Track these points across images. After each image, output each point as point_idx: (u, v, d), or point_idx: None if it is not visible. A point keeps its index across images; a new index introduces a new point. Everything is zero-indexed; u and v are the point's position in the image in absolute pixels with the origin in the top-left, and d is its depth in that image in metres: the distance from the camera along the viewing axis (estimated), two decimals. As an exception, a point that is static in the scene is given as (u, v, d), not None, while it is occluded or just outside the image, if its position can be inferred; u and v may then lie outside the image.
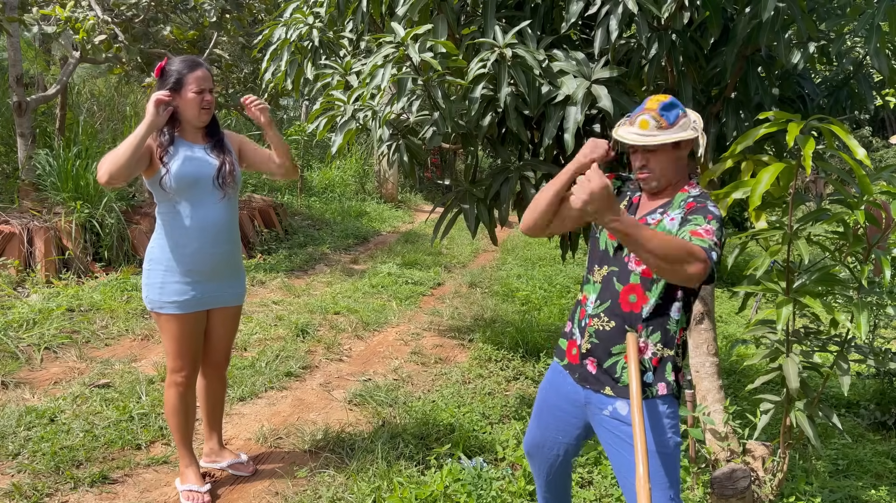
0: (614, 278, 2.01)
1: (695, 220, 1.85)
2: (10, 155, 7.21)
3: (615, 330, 1.97)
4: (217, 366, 2.88)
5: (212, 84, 2.61)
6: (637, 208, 2.05)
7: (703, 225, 1.84)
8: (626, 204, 2.08)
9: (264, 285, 6.43)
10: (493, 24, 2.77)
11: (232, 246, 2.72)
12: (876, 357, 2.61)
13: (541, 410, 2.22)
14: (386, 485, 2.87)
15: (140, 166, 2.51)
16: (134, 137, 2.41)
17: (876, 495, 3.26)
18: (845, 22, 2.66)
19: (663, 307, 1.95)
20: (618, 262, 2.01)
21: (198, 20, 7.92)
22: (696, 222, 1.85)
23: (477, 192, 3.16)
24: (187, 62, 2.56)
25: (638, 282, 1.96)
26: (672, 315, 1.96)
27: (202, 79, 2.56)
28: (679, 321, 1.97)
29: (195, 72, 2.54)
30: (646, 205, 2.04)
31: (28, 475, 2.84)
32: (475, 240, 8.71)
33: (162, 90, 2.51)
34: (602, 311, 2.00)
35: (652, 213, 1.98)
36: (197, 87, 2.54)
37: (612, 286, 2.00)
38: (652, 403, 1.95)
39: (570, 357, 2.10)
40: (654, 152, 1.93)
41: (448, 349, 5.00)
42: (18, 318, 4.58)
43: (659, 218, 1.96)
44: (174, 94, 2.54)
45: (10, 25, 6.20)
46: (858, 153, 2.03)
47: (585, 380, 2.05)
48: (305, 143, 10.78)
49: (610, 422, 2.00)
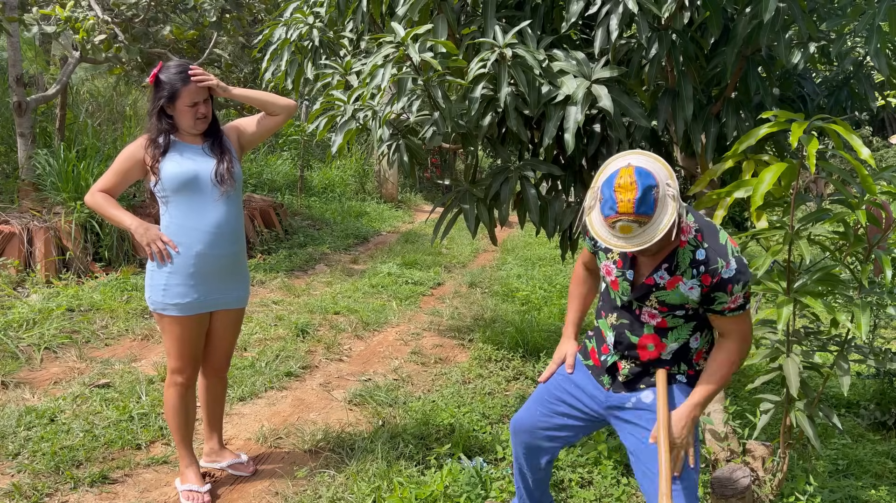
0: (626, 331, 2.04)
1: (718, 296, 1.87)
2: (10, 155, 7.21)
3: (643, 370, 2.06)
4: (218, 367, 2.88)
5: (207, 94, 2.58)
6: (634, 260, 1.95)
7: (727, 298, 1.86)
8: (622, 256, 1.97)
9: (264, 285, 6.43)
10: (493, 23, 2.77)
11: (237, 248, 2.70)
12: (876, 357, 2.61)
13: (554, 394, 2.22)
14: (386, 485, 2.86)
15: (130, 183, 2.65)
16: (112, 218, 2.57)
17: (876, 495, 3.25)
18: (846, 22, 2.66)
19: (684, 345, 2.01)
20: (629, 316, 2.03)
21: (198, 20, 7.92)
22: (719, 297, 1.87)
23: (477, 192, 3.16)
24: (181, 73, 2.51)
25: (653, 332, 1.99)
26: (692, 346, 2.02)
27: (195, 91, 2.52)
28: (699, 347, 2.04)
29: (188, 85, 2.51)
30: (644, 261, 1.94)
31: (28, 475, 2.84)
32: (475, 240, 8.71)
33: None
34: (626, 354, 2.06)
35: (656, 273, 1.90)
36: (190, 100, 2.52)
37: (627, 338, 2.04)
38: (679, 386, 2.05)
39: (595, 361, 2.17)
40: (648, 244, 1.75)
41: (448, 349, 5.00)
42: (18, 318, 4.58)
43: (669, 280, 1.88)
44: (169, 106, 2.53)
45: (10, 25, 6.20)
46: (862, 153, 2.03)
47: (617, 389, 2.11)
48: (305, 142, 10.78)
49: (631, 412, 2.06)
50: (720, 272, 1.84)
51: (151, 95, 2.58)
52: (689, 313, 1.95)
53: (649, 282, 1.92)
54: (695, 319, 1.98)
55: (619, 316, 2.04)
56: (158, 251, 2.54)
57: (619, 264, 1.99)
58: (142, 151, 2.57)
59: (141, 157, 2.57)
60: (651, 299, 1.95)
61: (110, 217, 2.59)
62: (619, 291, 2.01)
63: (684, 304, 1.91)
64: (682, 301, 1.90)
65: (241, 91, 2.70)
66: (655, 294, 1.93)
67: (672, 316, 1.95)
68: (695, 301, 1.89)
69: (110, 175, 2.60)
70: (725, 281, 1.84)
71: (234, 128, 2.78)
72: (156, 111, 2.54)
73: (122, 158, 2.59)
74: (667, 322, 1.96)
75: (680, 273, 1.88)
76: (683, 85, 2.85)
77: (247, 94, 2.72)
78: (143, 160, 2.57)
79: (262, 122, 2.78)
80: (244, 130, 2.78)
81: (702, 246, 1.86)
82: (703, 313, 1.97)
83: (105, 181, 2.60)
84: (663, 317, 1.96)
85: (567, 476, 3.05)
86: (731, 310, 1.89)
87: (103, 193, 2.59)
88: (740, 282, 1.84)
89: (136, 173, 2.60)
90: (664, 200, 1.71)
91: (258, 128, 2.78)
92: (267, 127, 2.78)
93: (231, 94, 2.65)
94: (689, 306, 1.92)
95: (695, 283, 1.87)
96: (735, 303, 1.87)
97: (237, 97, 2.68)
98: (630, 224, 1.70)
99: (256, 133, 2.79)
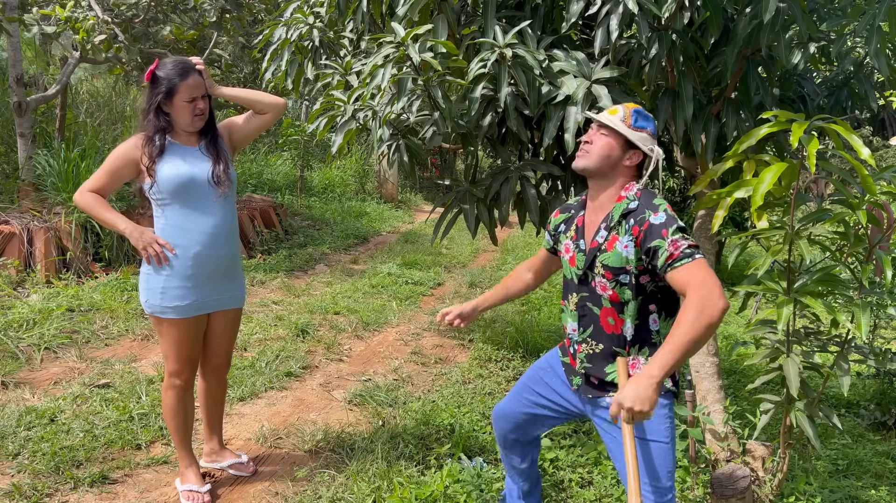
0: (588, 303, 2.05)
1: (656, 245, 1.84)
2: (10, 155, 7.21)
3: (604, 352, 2.03)
4: (218, 368, 2.86)
5: (205, 90, 2.54)
6: (584, 230, 2.07)
7: (664, 244, 1.82)
8: (575, 229, 2.09)
9: (264, 285, 6.43)
10: (493, 24, 2.77)
11: (233, 248, 2.69)
12: (876, 357, 2.61)
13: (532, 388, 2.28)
14: (386, 485, 2.86)
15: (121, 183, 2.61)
16: (105, 220, 2.53)
17: (876, 495, 3.25)
18: (846, 22, 2.66)
19: (641, 325, 1.99)
20: (587, 289, 2.05)
21: (198, 20, 7.92)
22: (658, 246, 1.83)
23: (477, 192, 3.16)
24: (178, 68, 2.48)
25: (609, 306, 2.00)
26: (651, 328, 2.00)
27: (193, 86, 2.49)
28: (660, 331, 2.01)
29: (186, 80, 2.47)
30: (591, 223, 2.05)
31: (28, 475, 2.84)
32: (475, 240, 8.71)
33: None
34: (588, 336, 2.06)
35: (598, 234, 2.00)
36: (188, 95, 2.48)
37: (590, 311, 2.05)
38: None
39: (572, 361, 2.16)
40: (605, 135, 1.99)
41: (448, 349, 5.00)
42: (18, 318, 4.58)
43: (606, 237, 1.97)
44: (166, 102, 2.50)
45: (10, 25, 6.20)
46: (863, 153, 2.03)
47: (587, 392, 2.10)
48: (305, 142, 10.78)
49: (606, 412, 2.05)
50: (648, 219, 1.87)
51: (147, 93, 2.53)
52: (633, 282, 1.92)
53: (594, 246, 1.99)
54: (641, 293, 1.95)
55: (579, 292, 2.06)
56: (155, 254, 2.51)
57: (574, 237, 2.08)
58: (136, 151, 2.51)
59: (134, 157, 2.51)
60: (597, 265, 1.98)
61: (102, 219, 2.53)
62: (575, 267, 2.07)
63: (625, 267, 1.92)
64: (622, 263, 1.92)
65: (228, 90, 2.67)
66: (600, 258, 1.97)
67: (618, 284, 1.94)
68: (632, 261, 1.89)
69: (101, 174, 2.54)
70: (657, 226, 1.85)
71: (226, 127, 2.74)
72: (153, 108, 2.49)
73: (115, 157, 2.53)
74: (617, 294, 1.96)
75: (615, 229, 1.94)
76: (683, 85, 2.85)
77: (234, 92, 2.69)
78: (136, 160, 2.51)
79: (251, 121, 2.73)
80: (235, 130, 2.73)
81: (637, 199, 1.95)
82: (655, 287, 1.94)
83: (95, 180, 2.54)
84: (612, 289, 1.96)
85: (567, 476, 3.05)
86: (677, 259, 1.79)
87: (93, 194, 2.53)
88: (673, 225, 1.83)
89: (128, 173, 2.55)
90: (645, 139, 1.98)
91: (248, 126, 2.73)
92: (256, 125, 2.73)
93: (218, 93, 2.62)
94: (629, 268, 1.91)
95: (628, 240, 1.90)
96: (677, 249, 1.79)
97: (224, 96, 2.65)
98: (619, 109, 2.01)
99: (246, 132, 2.74)
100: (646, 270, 1.92)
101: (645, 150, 1.97)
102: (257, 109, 2.70)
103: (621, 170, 2.00)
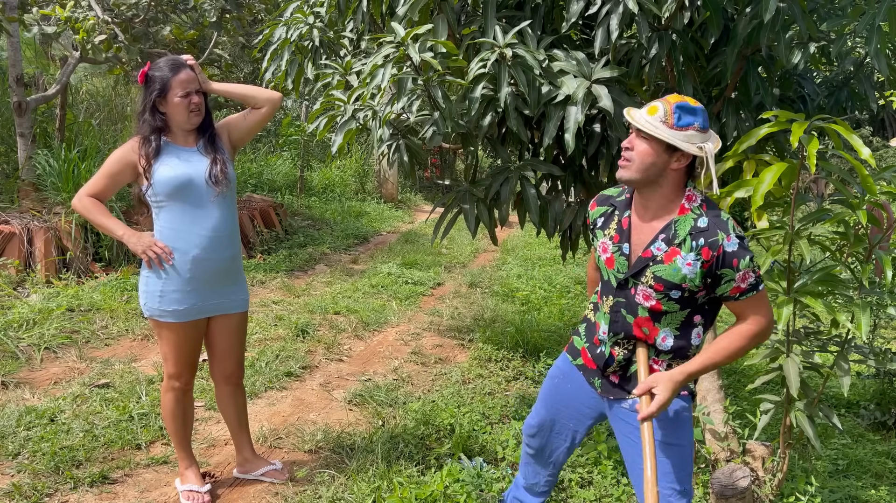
0: (622, 309, 1.95)
1: (724, 273, 1.77)
2: (10, 155, 7.21)
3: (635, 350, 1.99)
4: (229, 375, 2.80)
5: (198, 84, 2.52)
6: (630, 232, 1.92)
7: (734, 275, 1.77)
8: (615, 228, 1.95)
9: (264, 285, 6.43)
10: (493, 23, 2.77)
11: (233, 251, 2.66)
12: (876, 357, 2.61)
13: (553, 398, 2.21)
14: (386, 485, 2.86)
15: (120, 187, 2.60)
16: (102, 226, 2.53)
17: (876, 495, 3.25)
18: (846, 22, 2.66)
19: (682, 337, 1.91)
20: (624, 295, 1.94)
21: (198, 20, 7.92)
22: (725, 275, 1.77)
23: (477, 192, 3.16)
24: (170, 65, 2.47)
25: (647, 315, 1.90)
26: (693, 342, 1.93)
27: (186, 81, 2.47)
28: (700, 346, 1.95)
29: (179, 75, 2.46)
30: (640, 227, 1.90)
31: (28, 475, 2.84)
32: (475, 240, 8.71)
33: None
34: (621, 339, 1.98)
35: (654, 244, 1.85)
36: (182, 90, 2.46)
37: (622, 318, 1.95)
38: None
39: (587, 361, 2.11)
40: (645, 139, 1.80)
41: (448, 349, 5.00)
42: (18, 318, 4.58)
43: (666, 251, 1.82)
44: (161, 101, 2.48)
45: (10, 25, 6.20)
46: (863, 153, 2.03)
47: (608, 392, 2.06)
48: (305, 142, 10.78)
49: (628, 413, 2.00)
50: (721, 244, 1.74)
51: (142, 94, 2.52)
52: (685, 296, 1.84)
53: (646, 255, 1.85)
54: (690, 306, 1.87)
55: (616, 296, 1.95)
56: (156, 257, 2.50)
57: (616, 239, 1.93)
58: (133, 154, 2.50)
59: (132, 160, 2.50)
60: (647, 275, 1.85)
61: (100, 225, 2.52)
62: (614, 269, 1.94)
63: (681, 284, 1.81)
64: (678, 279, 1.80)
65: (220, 85, 2.66)
66: (652, 268, 1.83)
67: (667, 297, 1.84)
68: (693, 281, 1.79)
69: (99, 178, 2.52)
70: (730, 254, 1.74)
71: (224, 126, 2.72)
72: (148, 108, 2.48)
73: (113, 161, 2.51)
74: (661, 305, 1.86)
75: (678, 244, 1.80)
76: (683, 85, 2.85)
77: (227, 88, 2.68)
78: (134, 163, 2.50)
79: (249, 117, 2.72)
80: (233, 128, 2.72)
81: (705, 214, 1.80)
82: (706, 300, 1.86)
83: (94, 185, 2.52)
84: (658, 299, 1.85)
85: (567, 476, 3.05)
86: (743, 293, 1.77)
87: (92, 199, 2.51)
88: (746, 256, 1.74)
89: (126, 177, 2.54)
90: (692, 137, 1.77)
91: (246, 123, 2.72)
92: (254, 121, 2.71)
93: (210, 89, 2.60)
94: (687, 286, 1.81)
95: (693, 259, 1.77)
96: (745, 283, 1.76)
97: (217, 91, 2.63)
98: (659, 108, 1.79)
99: (245, 129, 2.72)
100: (704, 288, 1.83)
101: (692, 151, 1.76)
102: (252, 104, 2.69)
103: (669, 174, 1.82)
